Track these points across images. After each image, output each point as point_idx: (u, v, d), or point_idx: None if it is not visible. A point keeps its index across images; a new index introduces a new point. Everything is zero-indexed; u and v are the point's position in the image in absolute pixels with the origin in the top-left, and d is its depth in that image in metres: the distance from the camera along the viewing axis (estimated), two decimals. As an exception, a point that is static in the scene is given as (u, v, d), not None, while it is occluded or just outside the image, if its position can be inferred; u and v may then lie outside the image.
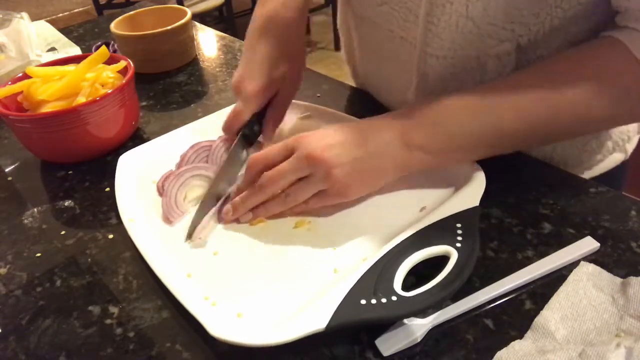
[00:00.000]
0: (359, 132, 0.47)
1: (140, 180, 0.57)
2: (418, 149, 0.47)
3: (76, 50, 0.92)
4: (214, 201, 0.52)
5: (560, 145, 0.60)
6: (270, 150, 0.49)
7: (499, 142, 0.48)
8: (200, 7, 2.80)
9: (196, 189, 0.54)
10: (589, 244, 0.44)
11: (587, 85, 0.44)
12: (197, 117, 0.67)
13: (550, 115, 0.45)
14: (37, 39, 0.88)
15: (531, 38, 0.51)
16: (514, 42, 0.51)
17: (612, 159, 0.64)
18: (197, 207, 0.51)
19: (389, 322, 0.39)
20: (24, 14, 0.89)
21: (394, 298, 0.37)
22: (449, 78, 0.56)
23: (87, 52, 0.89)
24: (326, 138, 0.47)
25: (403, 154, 0.47)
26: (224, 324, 0.38)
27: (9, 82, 0.64)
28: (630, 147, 0.66)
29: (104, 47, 0.65)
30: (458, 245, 0.41)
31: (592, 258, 0.44)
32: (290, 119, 0.63)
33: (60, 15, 3.70)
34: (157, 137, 0.63)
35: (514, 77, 0.49)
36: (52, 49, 0.92)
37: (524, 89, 0.46)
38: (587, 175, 0.63)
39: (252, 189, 0.49)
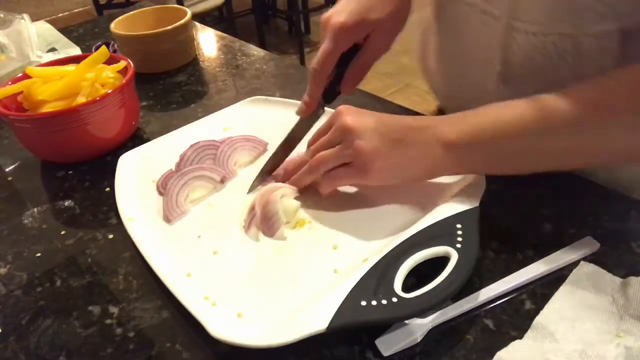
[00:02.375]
0: (402, 122, 0.46)
1: (140, 180, 0.57)
2: (462, 166, 0.46)
3: (76, 51, 0.92)
4: (287, 152, 0.55)
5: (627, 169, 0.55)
6: (328, 133, 0.49)
7: (544, 163, 0.45)
8: (200, 7, 2.79)
9: (198, 190, 0.54)
10: (589, 244, 0.44)
11: None
12: (197, 117, 0.67)
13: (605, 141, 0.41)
14: (37, 39, 0.88)
15: (639, 22, 0.43)
16: (617, 23, 0.44)
17: None
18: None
19: (389, 323, 0.39)
20: (25, 15, 0.90)
21: (394, 299, 0.37)
22: (539, 63, 0.49)
23: (87, 52, 0.89)
24: (366, 115, 0.47)
25: (440, 157, 0.45)
26: (224, 324, 0.38)
27: (9, 82, 0.64)
28: None
29: (104, 47, 0.65)
30: (458, 246, 0.41)
31: (592, 258, 0.44)
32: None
33: (60, 15, 3.70)
34: (157, 137, 0.64)
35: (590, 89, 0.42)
36: (53, 49, 0.92)
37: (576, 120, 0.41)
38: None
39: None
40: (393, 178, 0.47)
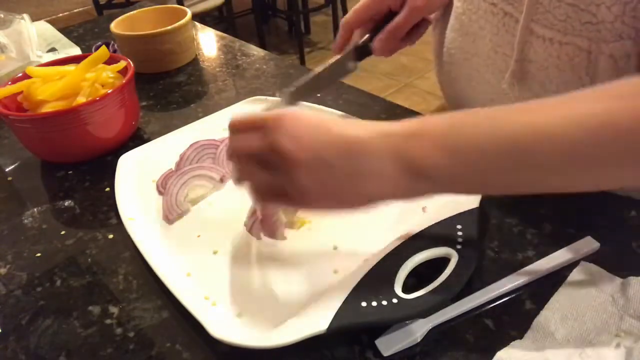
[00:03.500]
0: (345, 139, 0.35)
1: (140, 180, 0.57)
2: (419, 179, 0.34)
3: (76, 51, 0.92)
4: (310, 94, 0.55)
5: None
6: (251, 116, 0.39)
7: (533, 170, 0.33)
8: (200, 7, 2.79)
9: (198, 189, 0.54)
10: (589, 244, 0.44)
11: None
12: (197, 117, 0.67)
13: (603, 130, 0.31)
14: (37, 39, 0.88)
15: None
16: (637, 46, 0.41)
17: None
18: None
19: (389, 324, 0.39)
20: (25, 16, 0.90)
21: (394, 300, 0.37)
22: (552, 69, 0.47)
23: (87, 52, 0.89)
24: (304, 138, 0.35)
25: (394, 180, 0.35)
26: (224, 325, 0.38)
27: (9, 82, 0.64)
28: None
29: (104, 47, 0.65)
30: (458, 247, 0.41)
31: (592, 258, 0.44)
32: None
33: (60, 15, 3.70)
34: (157, 137, 0.64)
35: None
36: (53, 50, 0.92)
37: (577, 100, 0.33)
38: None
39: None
40: (345, 207, 0.38)
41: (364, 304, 0.38)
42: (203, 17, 2.92)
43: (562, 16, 0.45)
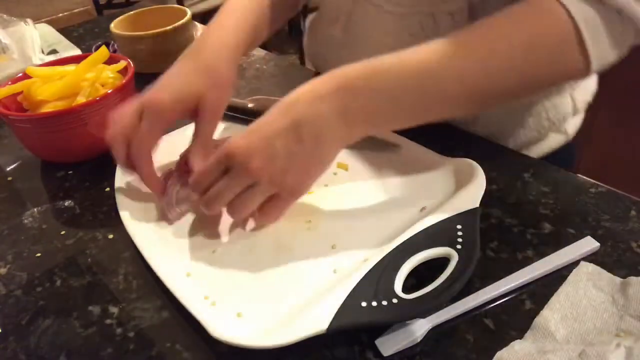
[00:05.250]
0: (291, 122, 0.42)
1: (140, 180, 0.56)
2: (360, 124, 0.43)
3: (77, 53, 0.92)
4: None
5: (495, 117, 0.63)
6: (208, 166, 0.45)
7: (441, 104, 0.45)
8: (200, 7, 2.79)
9: None
10: (589, 244, 0.44)
11: (521, 37, 0.43)
12: (197, 117, 0.67)
13: (486, 68, 0.43)
14: (39, 40, 0.89)
15: None
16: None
17: (553, 140, 0.66)
18: None
19: (389, 324, 0.39)
20: (29, 20, 0.90)
21: (394, 300, 0.37)
22: (407, 40, 0.51)
23: (87, 52, 0.89)
24: (258, 142, 0.42)
25: (343, 134, 0.43)
26: (224, 324, 0.38)
27: (9, 82, 0.64)
28: (571, 129, 0.68)
29: (104, 47, 0.65)
30: (458, 247, 0.41)
31: (592, 258, 0.44)
32: None
33: (60, 15, 3.69)
34: (157, 137, 0.63)
35: (448, 37, 0.45)
36: (54, 51, 0.92)
37: (461, 47, 0.43)
38: (533, 153, 0.65)
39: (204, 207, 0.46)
40: (319, 175, 0.45)
41: (364, 304, 0.38)
42: (203, 17, 2.92)
43: None
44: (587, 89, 0.68)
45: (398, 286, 0.39)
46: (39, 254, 0.51)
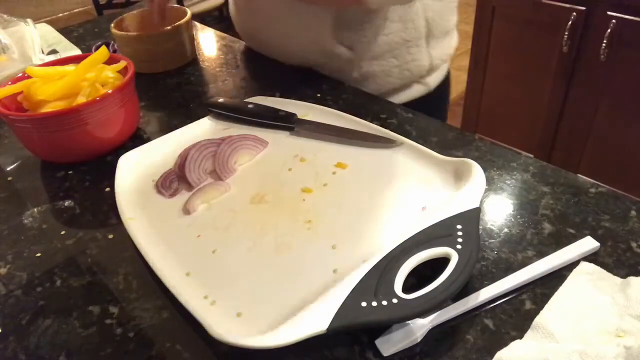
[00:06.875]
0: None
1: (140, 180, 0.57)
2: None
3: (77, 53, 0.92)
4: None
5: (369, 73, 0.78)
6: None
7: None
8: (200, 7, 2.80)
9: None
10: (589, 244, 0.44)
11: None
12: (197, 117, 0.67)
13: None
14: (40, 40, 0.89)
15: None
16: None
17: (416, 90, 0.82)
18: None
19: (389, 324, 0.39)
20: (29, 20, 0.90)
21: (394, 300, 0.37)
22: None
23: (87, 52, 0.89)
24: None
25: None
26: (224, 324, 0.38)
27: (9, 82, 0.64)
28: (432, 82, 0.83)
29: (104, 47, 0.65)
30: (458, 247, 0.41)
31: (592, 258, 0.44)
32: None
33: (60, 15, 3.69)
34: (157, 137, 0.63)
35: None
36: (54, 52, 0.92)
37: None
38: (396, 100, 0.79)
39: None
40: None
41: (364, 304, 0.38)
42: (203, 17, 2.92)
43: None
44: (443, 48, 0.82)
45: (398, 286, 0.39)
46: (39, 254, 0.51)
